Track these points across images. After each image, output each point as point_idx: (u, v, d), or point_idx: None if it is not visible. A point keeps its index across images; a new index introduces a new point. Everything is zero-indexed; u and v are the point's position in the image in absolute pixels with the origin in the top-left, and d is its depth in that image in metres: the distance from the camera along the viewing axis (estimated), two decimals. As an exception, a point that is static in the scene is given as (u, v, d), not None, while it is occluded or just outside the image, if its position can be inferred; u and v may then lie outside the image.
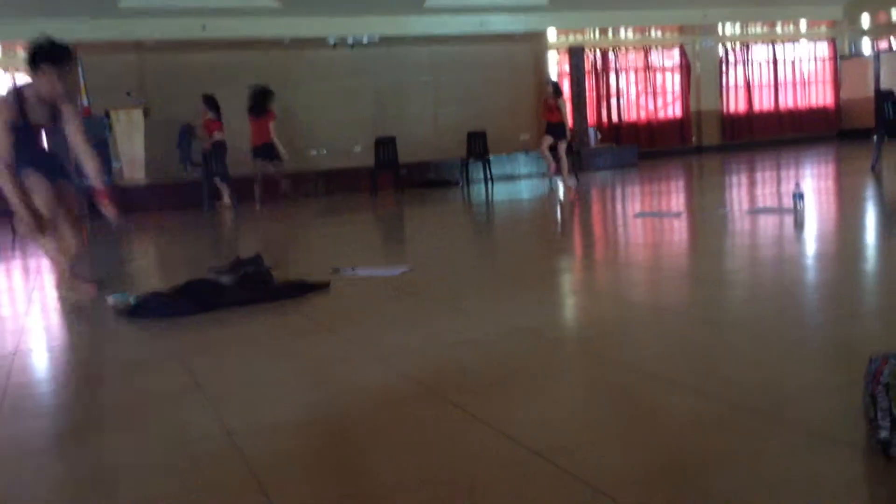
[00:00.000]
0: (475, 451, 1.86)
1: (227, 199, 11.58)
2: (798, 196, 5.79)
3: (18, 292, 5.33)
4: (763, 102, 18.67)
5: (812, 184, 8.57)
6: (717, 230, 5.70)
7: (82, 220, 4.85)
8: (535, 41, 16.43)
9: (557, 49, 17.13)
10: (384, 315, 3.65)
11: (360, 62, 15.06)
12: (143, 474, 1.88)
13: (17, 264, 6.76)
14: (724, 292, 3.62)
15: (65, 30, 12.38)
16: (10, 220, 7.77)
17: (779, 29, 18.39)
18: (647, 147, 16.87)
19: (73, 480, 1.89)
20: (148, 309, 3.88)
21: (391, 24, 14.26)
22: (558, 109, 10.86)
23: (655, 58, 18.04)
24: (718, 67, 17.94)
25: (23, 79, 10.00)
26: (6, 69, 13.61)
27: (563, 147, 10.86)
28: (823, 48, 18.98)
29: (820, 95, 19.11)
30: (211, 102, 11.62)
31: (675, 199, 7.34)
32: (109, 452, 2.05)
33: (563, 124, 10.86)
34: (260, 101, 11.31)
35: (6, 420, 2.37)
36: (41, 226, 4.43)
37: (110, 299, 4.16)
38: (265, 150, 11.29)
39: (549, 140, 10.95)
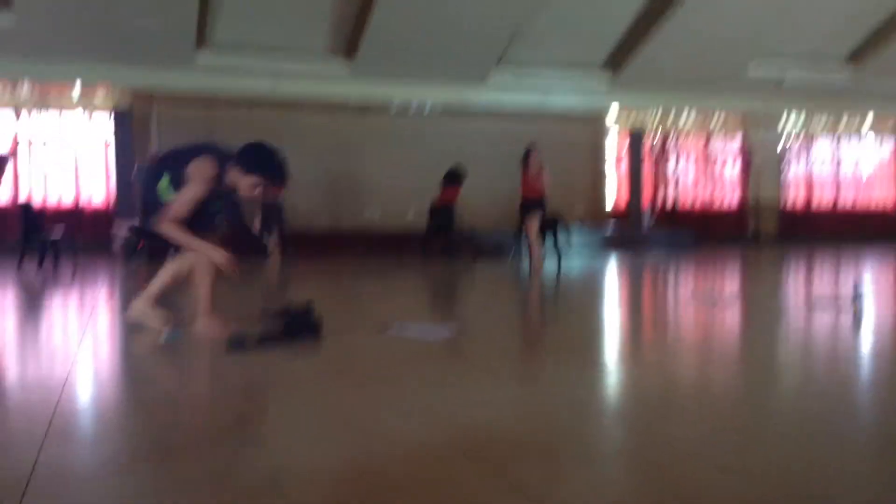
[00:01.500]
0: (514, 513, 1.84)
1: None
2: (857, 296, 5.66)
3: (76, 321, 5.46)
4: (824, 198, 18.46)
5: (871, 285, 8.40)
6: (770, 321, 5.60)
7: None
8: (595, 122, 16.61)
9: (618, 130, 17.28)
10: (427, 375, 3.65)
11: (420, 130, 15.37)
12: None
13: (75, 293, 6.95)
14: (773, 380, 3.55)
15: (142, 77, 13.00)
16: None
17: (843, 125, 18.28)
18: (702, 233, 16.75)
19: (115, 506, 1.91)
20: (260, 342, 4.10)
21: (453, 96, 14.59)
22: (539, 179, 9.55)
23: (716, 145, 18.06)
24: (780, 159, 17.85)
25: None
26: (85, 108, 14.20)
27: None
28: (890, 146, 18.78)
29: (884, 195, 18.83)
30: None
31: (729, 286, 7.26)
32: (151, 484, 2.07)
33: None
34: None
35: (56, 441, 2.41)
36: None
37: (163, 337, 4.24)
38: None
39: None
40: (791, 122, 17.79)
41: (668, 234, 15.57)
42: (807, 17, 13.70)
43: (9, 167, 8.17)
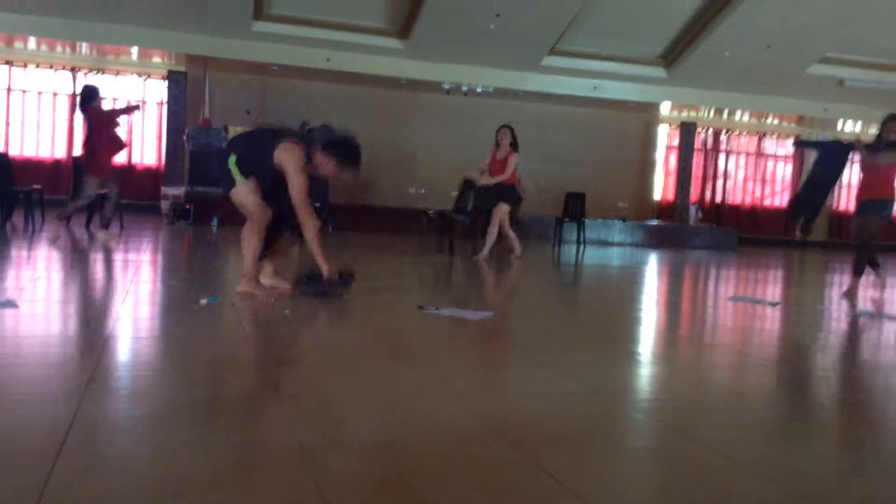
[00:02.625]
0: (540, 503, 1.84)
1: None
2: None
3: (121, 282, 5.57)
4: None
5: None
6: (813, 326, 5.50)
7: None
8: (648, 112, 16.38)
9: (669, 122, 17.03)
10: (464, 357, 3.67)
11: (470, 110, 15.32)
12: (205, 472, 1.92)
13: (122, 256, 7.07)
14: (811, 387, 3.49)
15: (198, 44, 13.12)
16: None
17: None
18: (748, 233, 16.50)
19: (138, 468, 1.95)
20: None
21: (506, 78, 14.46)
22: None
23: (768, 144, 17.75)
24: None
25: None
26: (140, 75, 14.40)
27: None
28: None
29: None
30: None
31: (773, 288, 7.14)
32: (184, 443, 2.10)
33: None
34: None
35: (95, 398, 2.46)
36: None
37: (203, 302, 4.30)
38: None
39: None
40: (849, 125, 17.38)
41: (712, 232, 15.35)
42: (873, 19, 13.32)
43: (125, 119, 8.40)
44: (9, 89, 13.91)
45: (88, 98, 8.56)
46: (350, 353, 3.51)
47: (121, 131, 9.10)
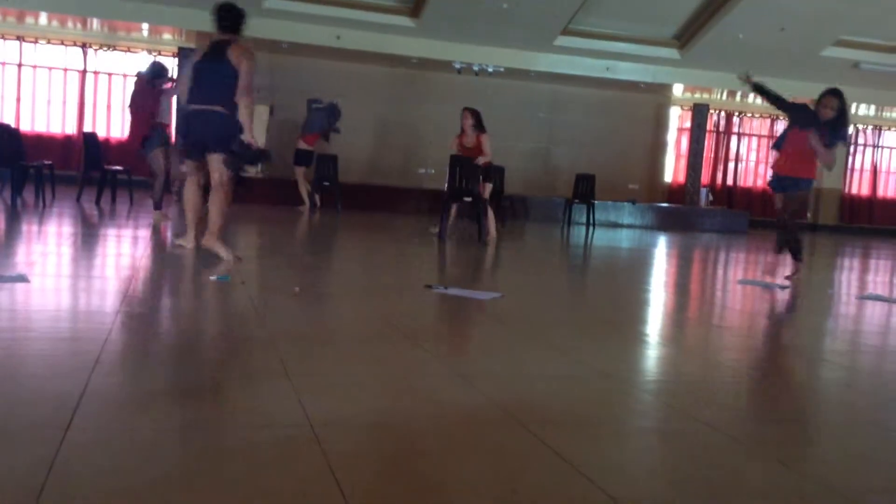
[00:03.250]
0: (549, 485, 1.84)
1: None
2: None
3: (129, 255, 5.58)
4: (889, 188, 17.93)
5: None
6: (821, 309, 5.48)
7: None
8: (660, 93, 16.25)
9: (681, 104, 16.90)
10: (472, 338, 3.67)
11: (481, 90, 15.23)
12: (213, 448, 1.92)
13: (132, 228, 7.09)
14: (818, 369, 3.48)
15: (209, 19, 13.05)
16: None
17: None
18: (760, 216, 16.40)
19: (147, 443, 1.96)
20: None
21: (518, 58, 14.34)
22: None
23: (781, 127, 17.57)
24: (846, 147, 17.32)
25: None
26: (151, 52, 14.37)
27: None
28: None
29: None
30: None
31: (782, 271, 7.08)
32: (190, 419, 2.11)
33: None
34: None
35: (104, 372, 2.47)
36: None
37: (213, 279, 4.31)
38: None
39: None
40: (861, 109, 17.22)
41: (723, 215, 15.27)
42: (888, 0, 13.14)
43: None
44: (20, 65, 13.90)
45: (159, 75, 8.41)
46: (358, 332, 3.51)
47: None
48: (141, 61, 14.33)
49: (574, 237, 11.00)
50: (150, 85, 8.26)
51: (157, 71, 8.48)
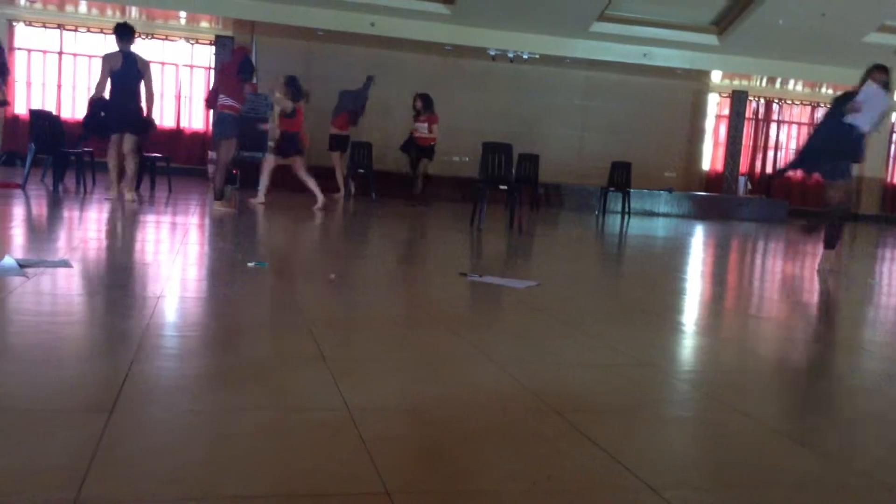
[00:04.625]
0: (585, 471, 1.84)
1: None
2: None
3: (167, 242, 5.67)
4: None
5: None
6: (862, 299, 5.39)
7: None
8: (698, 80, 16.03)
9: (720, 91, 16.67)
10: (507, 325, 3.67)
11: (515, 77, 15.16)
12: (253, 432, 1.95)
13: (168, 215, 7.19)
14: (859, 361, 3.42)
15: (245, 7, 13.15)
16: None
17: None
18: (799, 205, 16.15)
19: (188, 426, 1.99)
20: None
21: (553, 44, 14.24)
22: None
23: (821, 115, 17.28)
24: (889, 135, 16.97)
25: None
26: (188, 40, 14.51)
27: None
28: None
29: None
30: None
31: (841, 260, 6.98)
32: (231, 405, 2.14)
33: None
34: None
35: (146, 356, 2.51)
36: None
37: (251, 265, 4.36)
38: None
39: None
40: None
41: (762, 204, 15.05)
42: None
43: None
44: (61, 53, 14.12)
45: (250, 69, 8.48)
46: (394, 319, 3.53)
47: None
48: (179, 49, 14.49)
49: (609, 226, 10.93)
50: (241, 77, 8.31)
51: (251, 66, 8.54)
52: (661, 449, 2.07)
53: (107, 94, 8.09)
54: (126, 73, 8.05)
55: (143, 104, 8.16)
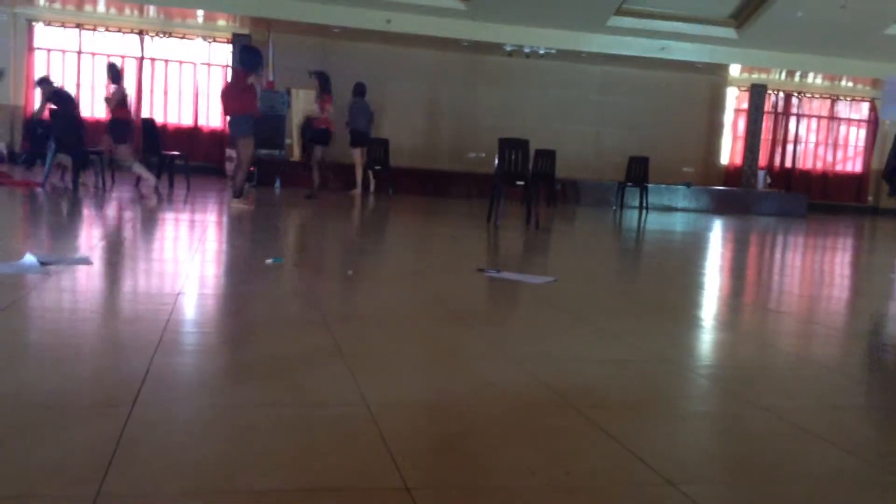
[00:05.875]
0: (604, 466, 1.83)
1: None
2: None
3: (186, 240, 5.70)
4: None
5: None
6: (882, 293, 5.34)
7: None
8: (717, 74, 15.91)
9: (738, 85, 16.54)
10: (525, 321, 3.66)
11: (532, 72, 15.12)
12: (272, 427, 1.96)
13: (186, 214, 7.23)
14: (880, 355, 3.39)
15: (262, 5, 13.19)
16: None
17: None
18: (818, 199, 16.01)
19: (209, 421, 2.00)
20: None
21: (570, 39, 14.18)
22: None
23: (842, 108, 17.15)
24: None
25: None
26: (206, 38, 14.58)
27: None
28: None
29: None
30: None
31: (841, 256, 6.92)
32: (248, 401, 2.15)
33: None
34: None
35: (166, 352, 2.53)
36: None
37: (269, 262, 4.38)
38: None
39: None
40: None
41: (781, 198, 14.93)
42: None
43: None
44: (79, 52, 14.22)
45: (253, 59, 8.47)
46: (411, 314, 3.53)
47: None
48: (196, 48, 14.56)
49: (627, 221, 10.88)
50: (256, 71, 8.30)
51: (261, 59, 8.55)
52: (678, 444, 2.07)
53: None
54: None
55: None
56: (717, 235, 9.66)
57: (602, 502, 1.65)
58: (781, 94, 16.93)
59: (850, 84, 16.75)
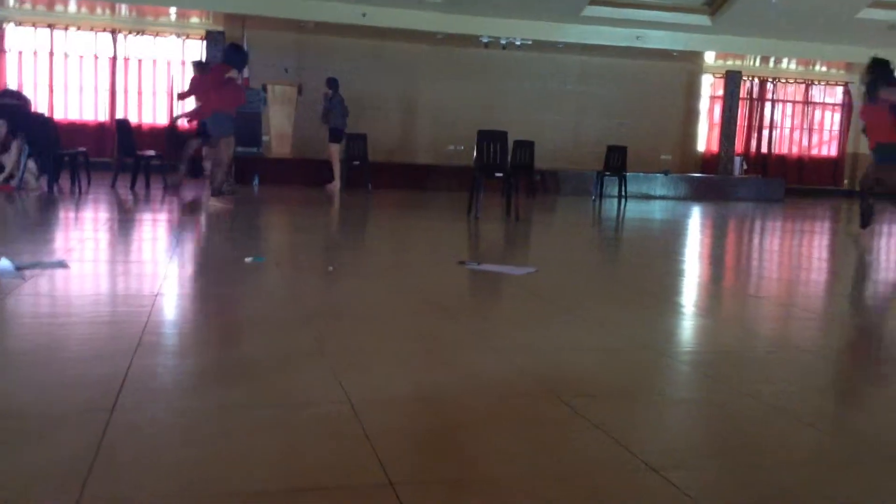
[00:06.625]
0: (589, 455, 1.84)
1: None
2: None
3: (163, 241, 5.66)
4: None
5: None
6: (859, 276, 5.39)
7: None
8: (692, 61, 15.99)
9: (713, 72, 16.62)
10: (507, 312, 3.67)
11: (509, 63, 15.11)
12: (254, 428, 1.95)
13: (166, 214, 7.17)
14: (856, 337, 3.42)
15: (235, 1, 13.09)
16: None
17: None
18: (795, 183, 16.13)
19: (190, 423, 1.99)
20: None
21: (545, 30, 14.17)
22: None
23: (816, 93, 17.28)
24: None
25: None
26: (179, 35, 14.44)
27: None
28: None
29: None
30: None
31: (819, 239, 6.99)
32: (230, 401, 2.14)
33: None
34: None
35: (145, 354, 2.51)
36: None
37: (248, 260, 4.35)
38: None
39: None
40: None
41: (758, 183, 15.04)
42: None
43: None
44: (51, 53, 14.04)
45: (240, 57, 8.38)
46: (393, 308, 3.53)
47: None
48: (170, 45, 14.42)
49: (606, 210, 10.92)
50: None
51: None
52: (662, 430, 2.08)
53: None
54: None
55: None
56: (695, 222, 9.72)
57: (587, 491, 1.65)
58: (756, 80, 17.03)
59: (825, 69, 16.88)
